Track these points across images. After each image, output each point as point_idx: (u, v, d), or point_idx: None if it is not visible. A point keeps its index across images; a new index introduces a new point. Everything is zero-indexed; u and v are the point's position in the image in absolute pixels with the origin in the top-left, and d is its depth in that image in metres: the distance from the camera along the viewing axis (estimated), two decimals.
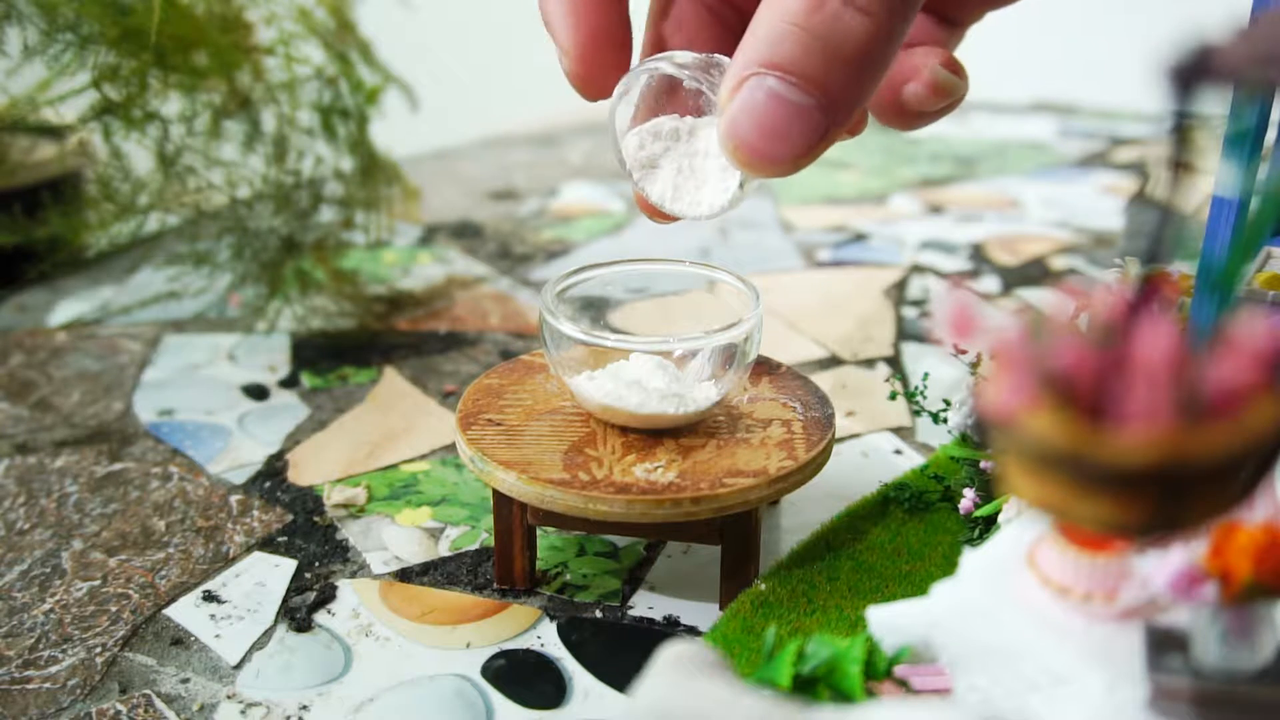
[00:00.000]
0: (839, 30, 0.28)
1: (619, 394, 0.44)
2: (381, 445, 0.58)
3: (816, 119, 0.29)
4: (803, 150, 0.30)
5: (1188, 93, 0.21)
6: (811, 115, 0.29)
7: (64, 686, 0.41)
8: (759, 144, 0.29)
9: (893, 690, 0.32)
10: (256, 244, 0.68)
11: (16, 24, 0.61)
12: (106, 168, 0.67)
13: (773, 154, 0.30)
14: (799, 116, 0.29)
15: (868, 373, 0.66)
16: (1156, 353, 0.20)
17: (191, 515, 0.52)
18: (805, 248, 0.86)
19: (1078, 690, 0.27)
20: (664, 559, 0.49)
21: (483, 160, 1.11)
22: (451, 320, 0.73)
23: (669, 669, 0.27)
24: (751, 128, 0.29)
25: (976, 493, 0.45)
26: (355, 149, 0.71)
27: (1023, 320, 0.22)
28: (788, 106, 0.29)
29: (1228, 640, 0.26)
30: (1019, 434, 0.22)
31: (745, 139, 0.29)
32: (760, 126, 0.29)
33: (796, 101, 0.29)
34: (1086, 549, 0.28)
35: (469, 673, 0.42)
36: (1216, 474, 0.21)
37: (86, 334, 0.71)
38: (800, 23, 0.28)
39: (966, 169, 1.07)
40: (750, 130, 0.29)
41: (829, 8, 0.28)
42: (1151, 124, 1.23)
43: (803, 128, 0.29)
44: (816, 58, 0.28)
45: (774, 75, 0.29)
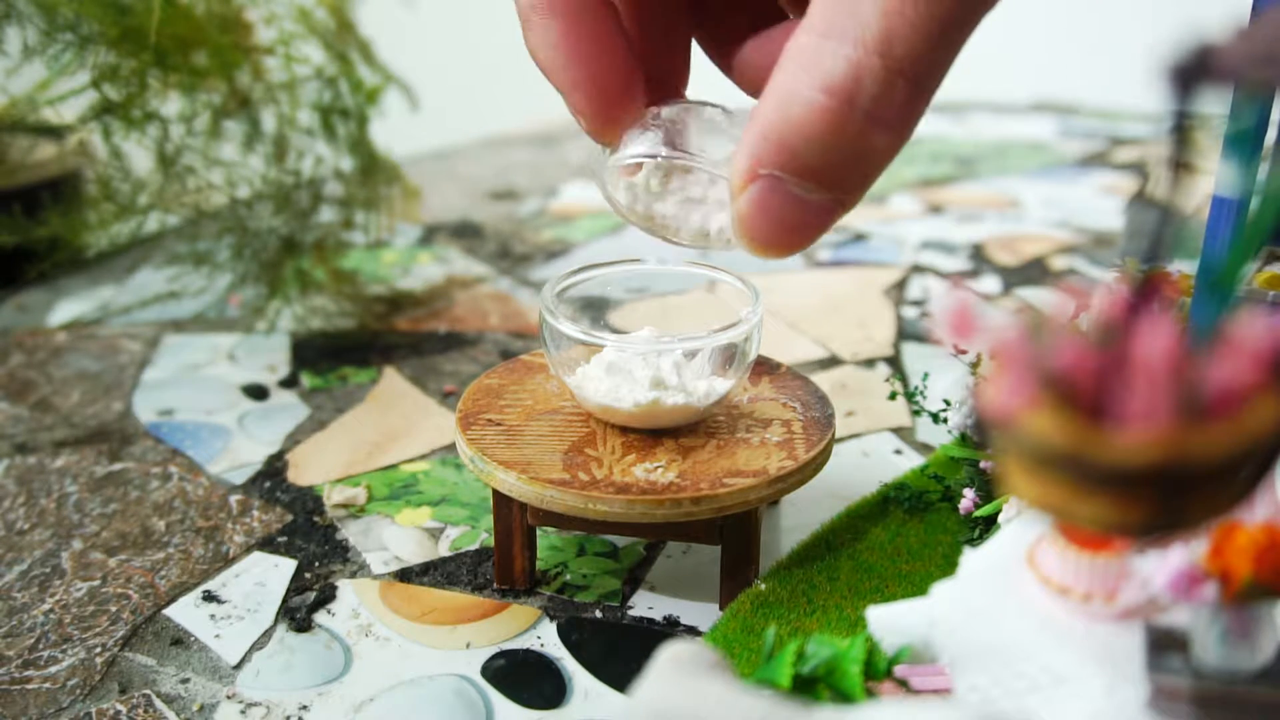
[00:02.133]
0: (864, 147, 0.28)
1: (618, 386, 0.44)
2: (381, 445, 0.58)
3: (832, 213, 0.30)
4: (814, 238, 0.31)
5: (1188, 92, 0.21)
6: (828, 209, 0.30)
7: (64, 686, 0.41)
8: (774, 236, 0.30)
9: (893, 690, 0.32)
10: (256, 244, 0.68)
11: (16, 24, 0.61)
12: (106, 168, 0.67)
13: (786, 244, 0.31)
14: (816, 213, 0.30)
15: (868, 373, 0.66)
16: (1156, 352, 0.20)
17: (191, 515, 0.52)
18: None
19: (1078, 690, 0.27)
20: (664, 559, 0.49)
21: (483, 160, 1.11)
22: (451, 320, 0.73)
23: (668, 669, 0.27)
24: (766, 225, 0.30)
25: (976, 493, 0.45)
26: (355, 149, 0.71)
27: (1022, 320, 0.22)
28: (805, 206, 0.29)
29: (1228, 640, 0.26)
30: (1019, 434, 0.22)
31: (759, 234, 0.30)
32: (776, 223, 0.30)
33: (815, 200, 0.29)
34: (1086, 549, 0.28)
35: (469, 673, 0.42)
36: (1216, 474, 0.21)
37: (86, 334, 0.71)
38: (822, 134, 0.28)
39: (966, 169, 1.07)
40: (765, 227, 0.30)
41: (855, 126, 0.28)
42: (1151, 124, 1.23)
43: (818, 220, 0.30)
44: (838, 169, 0.29)
45: (793, 180, 0.29)
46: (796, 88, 0.28)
